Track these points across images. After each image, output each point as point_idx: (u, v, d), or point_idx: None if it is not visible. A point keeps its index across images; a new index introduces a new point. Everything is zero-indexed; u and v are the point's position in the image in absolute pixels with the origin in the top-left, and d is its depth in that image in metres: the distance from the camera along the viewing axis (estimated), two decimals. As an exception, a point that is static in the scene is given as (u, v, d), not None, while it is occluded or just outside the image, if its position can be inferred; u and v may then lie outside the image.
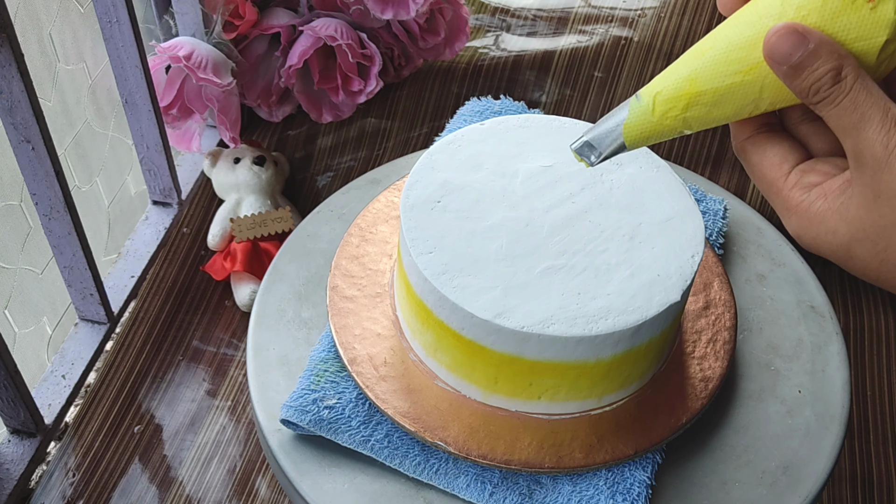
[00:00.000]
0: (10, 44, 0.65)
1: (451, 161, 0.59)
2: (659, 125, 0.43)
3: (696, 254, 0.56)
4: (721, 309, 0.63)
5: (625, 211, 0.57)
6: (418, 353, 0.59)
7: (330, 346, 0.60)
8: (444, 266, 0.54)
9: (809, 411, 0.61)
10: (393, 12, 0.92)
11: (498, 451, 0.55)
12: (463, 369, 0.56)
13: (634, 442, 0.56)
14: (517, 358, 0.53)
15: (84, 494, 0.77)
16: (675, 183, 0.59)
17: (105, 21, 0.80)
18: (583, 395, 0.56)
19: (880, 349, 0.92)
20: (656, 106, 0.43)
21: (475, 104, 0.77)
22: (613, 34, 1.01)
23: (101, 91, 0.91)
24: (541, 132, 0.62)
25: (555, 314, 0.52)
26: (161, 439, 0.81)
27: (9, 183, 0.79)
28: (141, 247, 0.93)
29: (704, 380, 0.59)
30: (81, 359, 0.84)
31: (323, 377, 0.58)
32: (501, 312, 0.52)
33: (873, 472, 0.82)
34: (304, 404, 0.57)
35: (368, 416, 0.57)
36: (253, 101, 0.99)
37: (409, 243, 0.55)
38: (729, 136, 0.98)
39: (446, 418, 0.56)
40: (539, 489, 0.56)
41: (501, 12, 1.07)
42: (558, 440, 0.56)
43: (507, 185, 0.58)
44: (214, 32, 0.91)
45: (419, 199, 0.57)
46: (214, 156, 0.96)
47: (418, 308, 0.56)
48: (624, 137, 0.44)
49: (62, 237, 0.77)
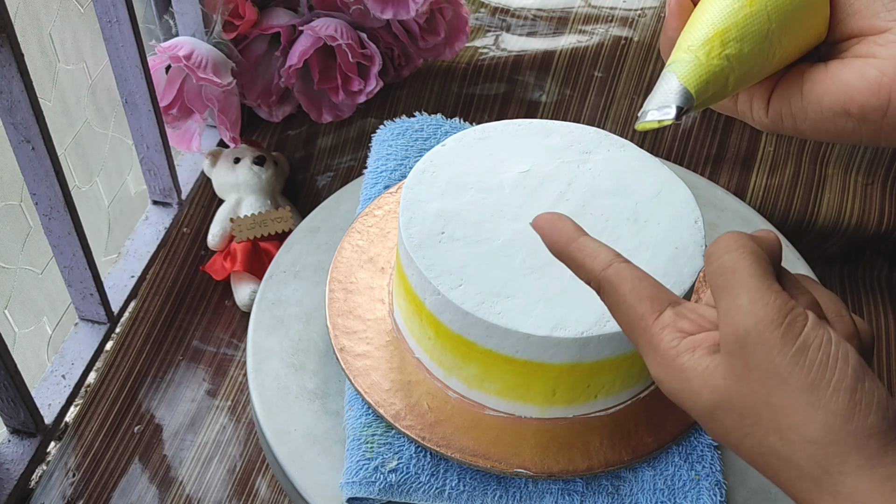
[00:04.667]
0: (10, 44, 0.65)
1: (433, 189, 0.58)
2: (708, 66, 0.43)
3: (698, 218, 0.57)
4: None
5: (617, 196, 0.58)
6: (458, 390, 0.58)
7: (364, 408, 0.58)
8: (480, 295, 0.53)
9: None
10: (393, 12, 0.92)
11: (576, 460, 0.55)
12: (517, 391, 0.55)
13: None
14: (576, 365, 0.53)
15: (84, 494, 0.77)
16: (646, 158, 0.61)
17: (105, 21, 0.80)
18: (633, 381, 0.57)
19: (880, 349, 0.92)
20: (697, 53, 0.43)
21: (392, 126, 0.75)
22: (613, 34, 1.01)
23: (101, 91, 0.91)
24: (502, 140, 0.62)
25: (605, 311, 0.52)
26: (161, 439, 0.81)
27: (9, 183, 0.79)
28: (141, 247, 0.93)
29: None
30: (81, 359, 0.84)
31: (373, 442, 0.56)
32: (557, 324, 0.52)
33: (873, 472, 0.82)
34: (367, 476, 0.55)
35: (434, 467, 0.56)
36: (253, 101, 0.99)
37: (433, 282, 0.53)
38: (729, 136, 0.98)
39: (514, 444, 0.56)
40: (623, 483, 0.56)
41: (501, 12, 1.07)
42: (625, 431, 0.57)
43: (499, 200, 0.58)
44: (214, 32, 0.91)
45: (422, 235, 0.56)
46: (214, 156, 0.96)
47: (456, 344, 0.55)
48: (686, 85, 0.43)
49: (62, 237, 0.77)
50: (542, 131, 0.62)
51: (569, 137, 0.62)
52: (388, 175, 0.71)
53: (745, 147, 0.97)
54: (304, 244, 0.70)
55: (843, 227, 0.95)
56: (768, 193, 0.95)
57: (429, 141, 0.74)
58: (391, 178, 0.71)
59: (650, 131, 0.99)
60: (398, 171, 0.72)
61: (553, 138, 0.62)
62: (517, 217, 0.57)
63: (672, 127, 0.98)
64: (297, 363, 0.63)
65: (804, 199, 0.96)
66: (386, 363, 0.59)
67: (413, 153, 0.73)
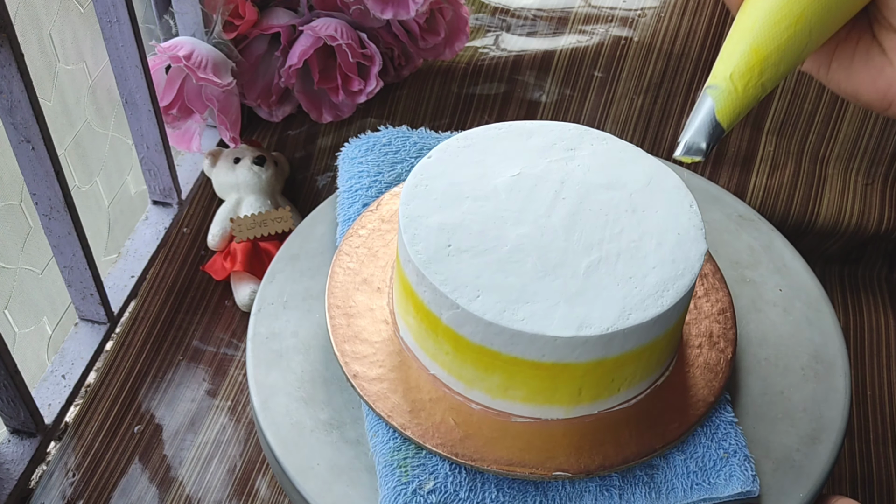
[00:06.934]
0: (10, 44, 0.65)
1: (429, 203, 0.58)
2: (744, 98, 0.45)
3: (692, 202, 0.59)
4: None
5: (611, 189, 0.59)
6: (482, 402, 0.57)
7: (390, 433, 0.57)
8: (500, 304, 0.53)
9: (798, 302, 0.67)
10: (393, 12, 0.92)
11: (610, 455, 0.55)
12: (542, 395, 0.55)
13: (707, 389, 0.58)
14: (601, 361, 0.53)
15: (84, 494, 0.77)
16: (628, 147, 0.62)
17: (105, 21, 0.80)
18: (652, 370, 0.58)
19: (880, 349, 0.92)
20: (736, 84, 0.45)
21: (358, 143, 0.75)
22: (613, 34, 1.01)
23: (101, 91, 0.92)
24: (486, 145, 0.62)
25: (626, 305, 0.53)
26: (161, 439, 0.81)
27: (9, 183, 0.79)
28: (141, 247, 0.93)
29: (722, 311, 0.63)
30: (81, 359, 0.84)
31: (406, 465, 0.56)
32: (581, 323, 0.52)
33: (873, 473, 0.82)
34: (407, 500, 0.54)
35: (471, 482, 0.55)
36: (253, 101, 0.99)
37: (451, 296, 0.53)
38: (729, 136, 0.98)
39: (546, 448, 0.56)
40: (656, 472, 0.56)
41: (501, 12, 1.07)
42: (651, 420, 0.57)
43: (497, 206, 0.58)
44: (214, 32, 0.91)
45: (429, 250, 0.55)
46: (214, 156, 0.96)
47: (478, 356, 0.54)
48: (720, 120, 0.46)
49: (62, 237, 0.77)
50: (522, 133, 0.63)
51: (550, 136, 0.63)
52: (365, 192, 0.71)
53: (745, 147, 0.97)
54: (287, 273, 0.69)
55: (843, 227, 0.95)
56: (768, 193, 0.95)
57: (399, 153, 0.73)
58: (368, 196, 0.70)
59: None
60: (374, 187, 0.71)
61: (535, 139, 0.62)
62: (519, 221, 0.57)
63: (672, 127, 0.98)
64: (306, 396, 0.61)
65: (804, 199, 0.96)
66: (402, 384, 0.59)
67: (385, 168, 0.72)
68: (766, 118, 0.97)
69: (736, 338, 0.62)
